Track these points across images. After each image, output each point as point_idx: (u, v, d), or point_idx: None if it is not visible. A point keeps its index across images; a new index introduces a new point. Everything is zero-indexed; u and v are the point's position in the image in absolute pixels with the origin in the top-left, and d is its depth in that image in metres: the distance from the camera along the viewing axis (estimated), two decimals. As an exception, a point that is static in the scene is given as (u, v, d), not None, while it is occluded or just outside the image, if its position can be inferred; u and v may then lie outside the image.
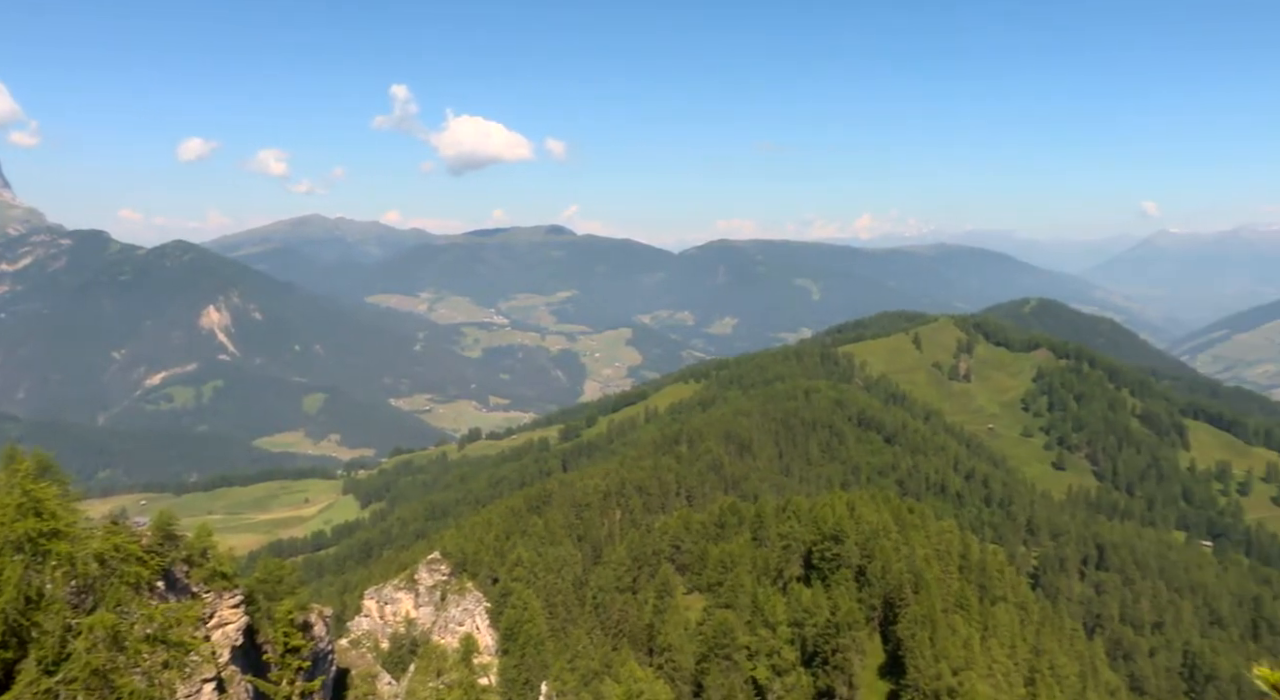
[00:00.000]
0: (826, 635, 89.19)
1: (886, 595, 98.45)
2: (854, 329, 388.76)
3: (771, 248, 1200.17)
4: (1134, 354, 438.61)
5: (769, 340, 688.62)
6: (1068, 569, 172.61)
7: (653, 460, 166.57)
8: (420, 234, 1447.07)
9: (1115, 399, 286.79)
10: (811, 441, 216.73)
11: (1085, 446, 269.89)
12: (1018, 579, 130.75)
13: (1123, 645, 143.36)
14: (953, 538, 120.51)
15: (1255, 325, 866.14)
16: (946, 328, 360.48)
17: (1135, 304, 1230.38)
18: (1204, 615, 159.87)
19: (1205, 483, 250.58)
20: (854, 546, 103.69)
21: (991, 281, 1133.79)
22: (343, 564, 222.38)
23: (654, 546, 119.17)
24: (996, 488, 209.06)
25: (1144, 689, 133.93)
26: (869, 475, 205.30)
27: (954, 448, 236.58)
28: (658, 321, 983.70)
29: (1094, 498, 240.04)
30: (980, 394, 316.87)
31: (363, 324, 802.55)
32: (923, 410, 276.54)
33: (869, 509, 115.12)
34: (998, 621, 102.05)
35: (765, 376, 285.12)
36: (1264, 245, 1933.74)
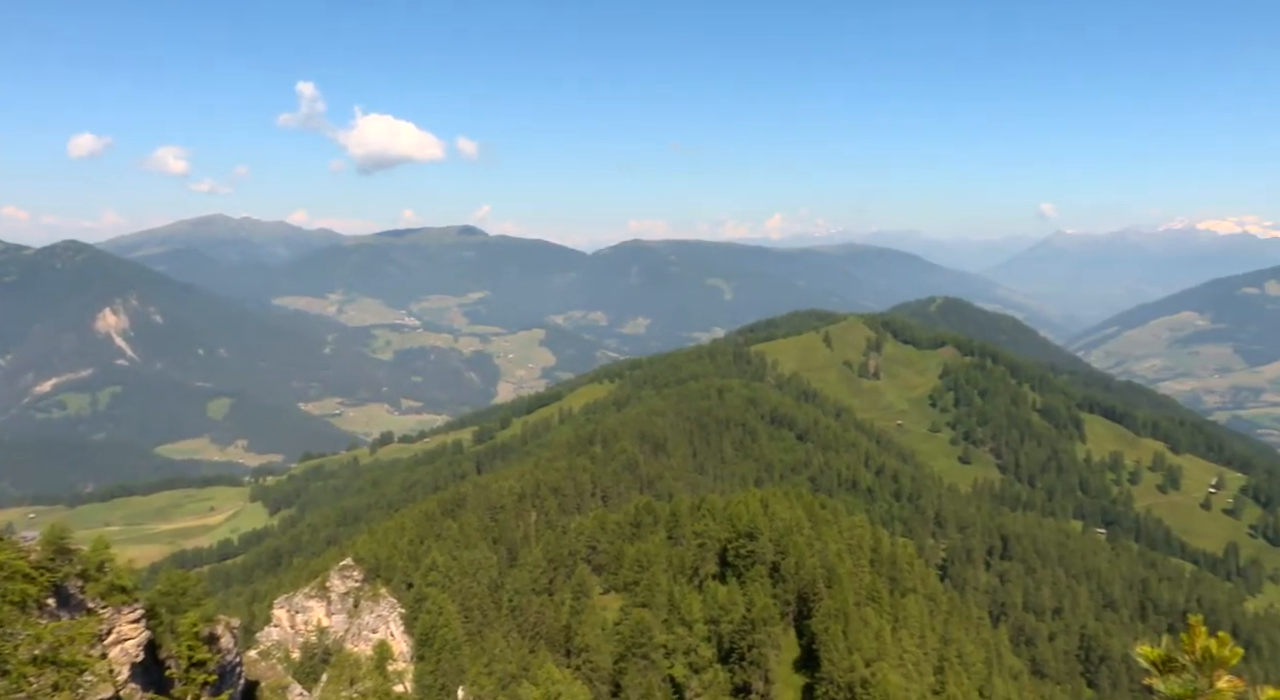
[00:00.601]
0: (742, 631, 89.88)
1: (801, 590, 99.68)
2: (766, 328, 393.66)
3: (684, 248, 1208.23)
4: (1034, 350, 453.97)
5: (682, 340, 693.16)
6: (974, 560, 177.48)
7: (568, 461, 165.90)
8: (329, 234, 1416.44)
9: (1017, 394, 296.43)
10: (725, 440, 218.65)
11: (989, 441, 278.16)
12: (927, 571, 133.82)
13: (1025, 631, 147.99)
14: (864, 532, 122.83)
15: (1143, 322, 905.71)
16: (856, 326, 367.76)
17: (1035, 302, 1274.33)
18: (1098, 599, 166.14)
19: (1100, 473, 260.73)
20: (768, 543, 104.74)
21: (898, 281, 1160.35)
22: (251, 573, 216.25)
23: (570, 547, 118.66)
24: (906, 483, 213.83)
25: (1045, 672, 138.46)
26: (782, 472, 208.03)
27: (864, 444, 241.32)
28: (571, 322, 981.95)
29: (998, 490, 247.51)
30: (889, 391, 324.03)
31: (270, 326, 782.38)
32: (834, 407, 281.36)
33: (782, 506, 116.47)
34: (908, 613, 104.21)
35: (679, 376, 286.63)
36: (1150, 246, 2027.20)
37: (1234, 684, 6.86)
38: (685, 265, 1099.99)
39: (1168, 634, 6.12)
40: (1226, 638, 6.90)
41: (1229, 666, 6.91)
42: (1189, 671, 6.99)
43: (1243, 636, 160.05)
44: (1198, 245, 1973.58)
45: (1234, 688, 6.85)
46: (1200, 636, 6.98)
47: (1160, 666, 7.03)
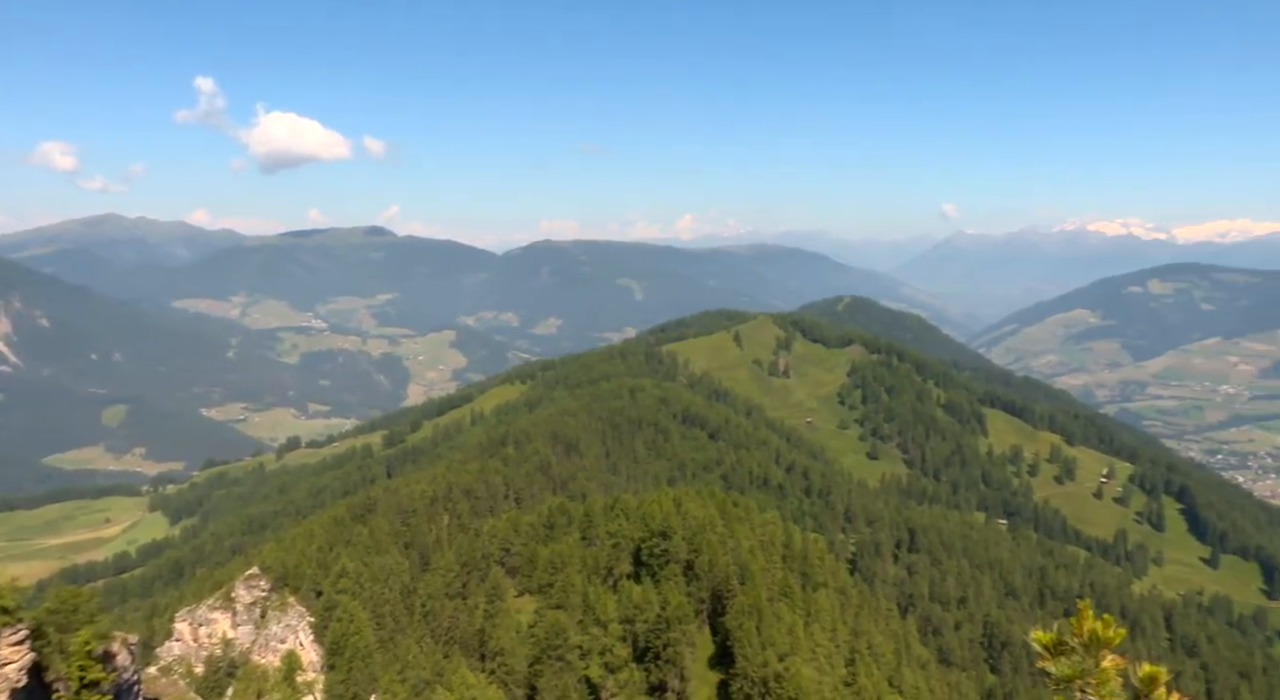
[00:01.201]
0: (657, 630, 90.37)
1: (714, 588, 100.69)
2: (677, 328, 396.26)
3: (595, 248, 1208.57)
4: (938, 348, 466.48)
5: (594, 340, 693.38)
6: (882, 553, 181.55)
7: (480, 463, 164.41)
8: (231, 235, 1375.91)
9: (923, 391, 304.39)
10: (638, 439, 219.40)
11: (896, 436, 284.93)
12: (837, 565, 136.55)
13: (932, 621, 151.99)
14: (776, 529, 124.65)
15: (1040, 319, 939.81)
16: (766, 325, 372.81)
17: (938, 300, 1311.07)
18: (1000, 588, 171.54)
19: (1001, 466, 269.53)
20: (682, 542, 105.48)
21: (807, 280, 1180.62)
22: (150, 586, 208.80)
23: (483, 550, 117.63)
24: (816, 479, 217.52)
25: (951, 660, 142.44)
26: (694, 471, 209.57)
27: (775, 442, 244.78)
28: (482, 323, 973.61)
29: (905, 484, 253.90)
30: (799, 389, 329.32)
31: (169, 330, 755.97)
32: (745, 406, 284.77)
33: (695, 504, 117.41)
34: (820, 607, 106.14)
35: (591, 376, 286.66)
36: (1046, 246, 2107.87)
37: (1117, 662, 7.29)
38: (596, 265, 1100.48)
39: (1064, 618, 6.49)
40: (1110, 620, 7.31)
41: (1113, 646, 7.31)
42: (1077, 653, 7.38)
43: (1130, 617, 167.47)
44: (1088, 246, 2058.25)
45: (1117, 666, 7.27)
46: (1088, 619, 7.38)
47: (1052, 649, 7.41)
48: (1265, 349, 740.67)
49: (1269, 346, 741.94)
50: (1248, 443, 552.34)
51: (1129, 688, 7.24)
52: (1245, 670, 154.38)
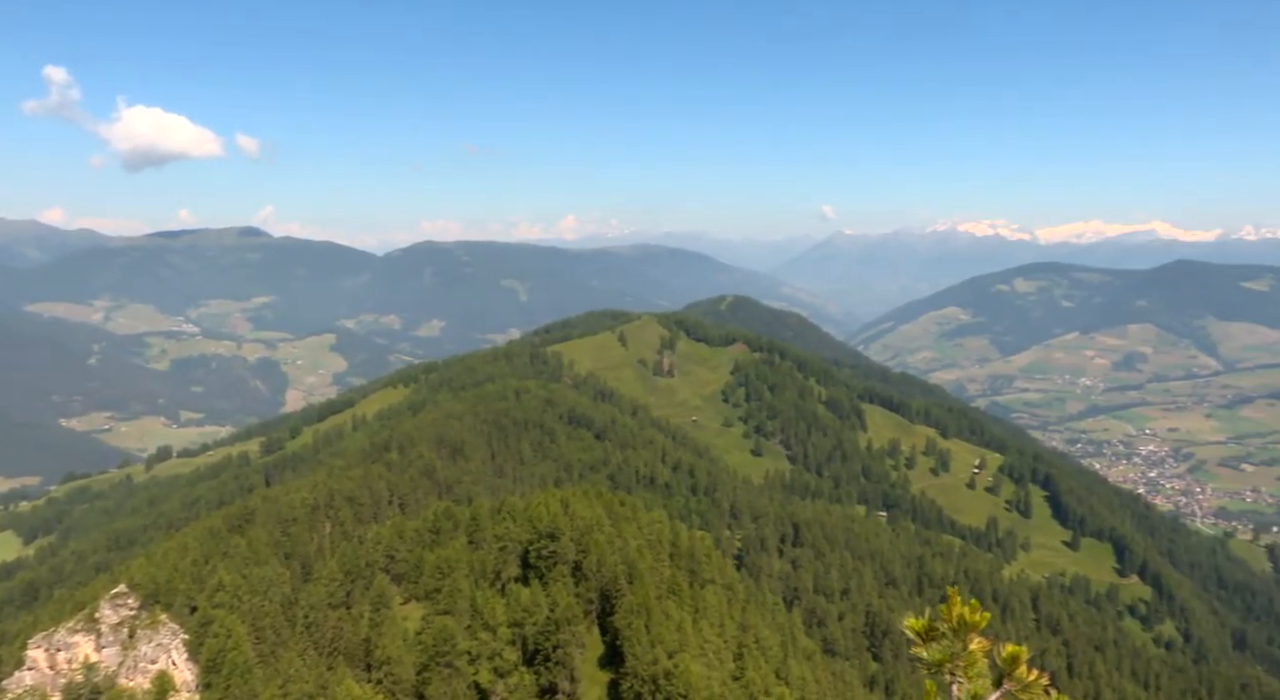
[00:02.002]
0: (547, 632, 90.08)
1: (603, 588, 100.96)
2: (561, 328, 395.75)
3: (478, 249, 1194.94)
4: (818, 345, 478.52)
5: (478, 342, 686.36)
6: (768, 548, 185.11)
7: (363, 469, 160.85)
8: (91, 235, 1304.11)
9: (804, 388, 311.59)
10: (524, 441, 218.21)
11: (779, 433, 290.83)
12: (724, 561, 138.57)
13: (817, 613, 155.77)
14: (663, 527, 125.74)
15: (915, 317, 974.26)
16: (650, 325, 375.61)
17: (818, 299, 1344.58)
18: (881, 578, 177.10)
19: (880, 459, 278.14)
20: (569, 543, 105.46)
21: (690, 280, 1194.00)
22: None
23: (367, 558, 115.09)
24: (702, 477, 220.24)
25: (835, 650, 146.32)
26: (581, 471, 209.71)
27: (661, 441, 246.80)
28: (363, 326, 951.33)
29: (788, 480, 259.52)
30: (683, 388, 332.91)
31: (22, 335, 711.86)
32: (630, 406, 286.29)
33: (582, 505, 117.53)
34: (707, 603, 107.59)
35: (475, 378, 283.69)
36: (920, 246, 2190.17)
37: (983, 645, 7.72)
38: (480, 266, 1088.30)
39: (942, 605, 6.89)
40: (977, 605, 7.74)
41: (980, 629, 7.74)
42: (947, 638, 7.78)
43: (1000, 600, 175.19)
44: (959, 246, 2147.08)
45: (983, 648, 7.70)
46: (956, 605, 7.79)
47: (923, 636, 7.79)
48: (1117, 343, 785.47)
49: (1120, 341, 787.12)
50: (1103, 432, 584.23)
51: (994, 668, 7.68)
52: (1100, 643, 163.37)
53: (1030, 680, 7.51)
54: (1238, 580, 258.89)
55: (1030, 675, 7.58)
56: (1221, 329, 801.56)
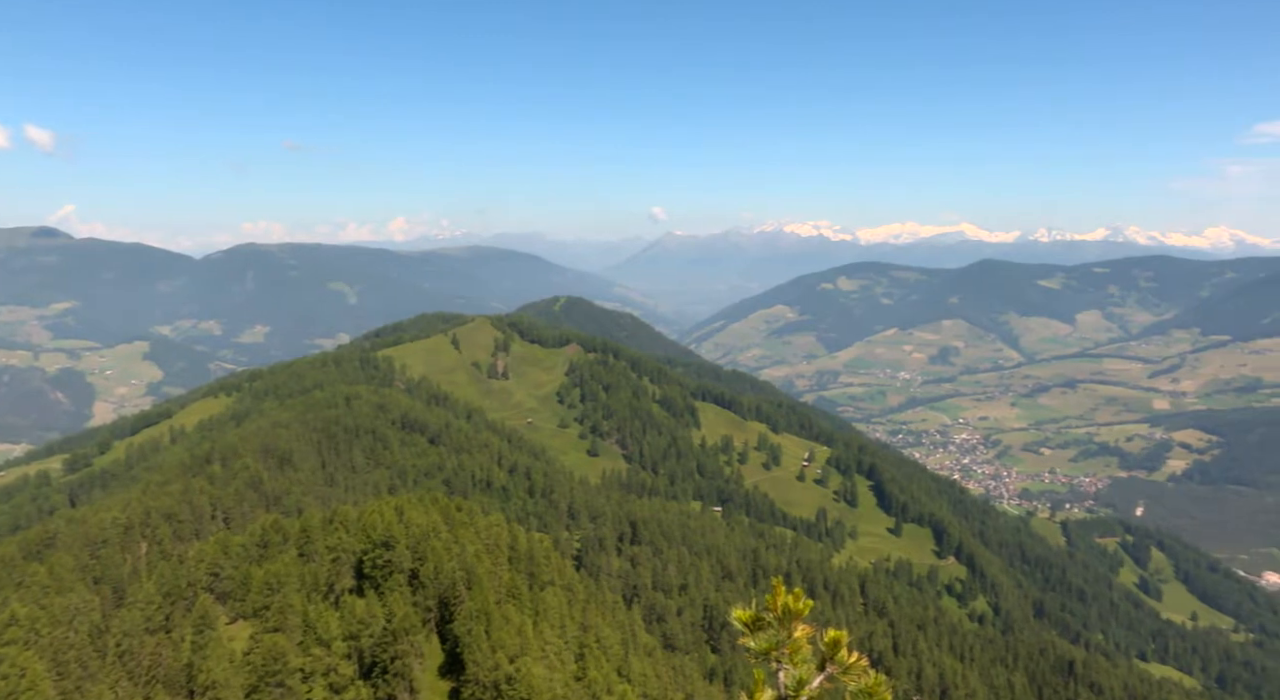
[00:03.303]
0: (384, 644, 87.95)
1: (441, 595, 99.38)
2: (393, 332, 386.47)
3: (303, 251, 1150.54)
4: (651, 345, 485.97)
5: (305, 347, 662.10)
6: (606, 547, 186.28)
7: (182, 484, 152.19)
8: None
9: (638, 387, 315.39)
10: (356, 449, 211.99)
11: (615, 432, 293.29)
12: (563, 562, 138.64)
13: (656, 609, 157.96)
14: (501, 531, 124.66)
15: (745, 315, 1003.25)
16: (483, 327, 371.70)
17: (651, 299, 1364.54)
18: (718, 572, 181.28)
19: (714, 456, 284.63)
20: (405, 550, 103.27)
21: (523, 281, 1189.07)
22: None
23: (189, 577, 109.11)
24: (539, 479, 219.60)
25: (675, 645, 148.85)
26: (416, 477, 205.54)
27: (497, 444, 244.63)
28: (180, 333, 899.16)
29: (625, 479, 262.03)
30: (518, 390, 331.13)
31: None
32: (465, 409, 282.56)
33: (418, 511, 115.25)
34: (548, 605, 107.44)
35: (303, 385, 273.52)
36: (748, 246, 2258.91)
37: (807, 631, 8.17)
38: (306, 269, 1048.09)
39: (767, 595, 7.26)
40: (800, 593, 8.18)
41: (803, 617, 8.18)
42: (774, 627, 8.19)
43: (831, 587, 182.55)
44: (786, 246, 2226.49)
45: (807, 634, 8.15)
46: (781, 595, 8.21)
47: (750, 626, 8.17)
48: (933, 338, 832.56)
49: (935, 336, 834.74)
50: (921, 422, 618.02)
51: (819, 653, 8.14)
52: (922, 622, 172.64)
53: (851, 662, 7.99)
54: (1038, 555, 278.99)
55: (851, 657, 8.07)
56: (1021, 324, 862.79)
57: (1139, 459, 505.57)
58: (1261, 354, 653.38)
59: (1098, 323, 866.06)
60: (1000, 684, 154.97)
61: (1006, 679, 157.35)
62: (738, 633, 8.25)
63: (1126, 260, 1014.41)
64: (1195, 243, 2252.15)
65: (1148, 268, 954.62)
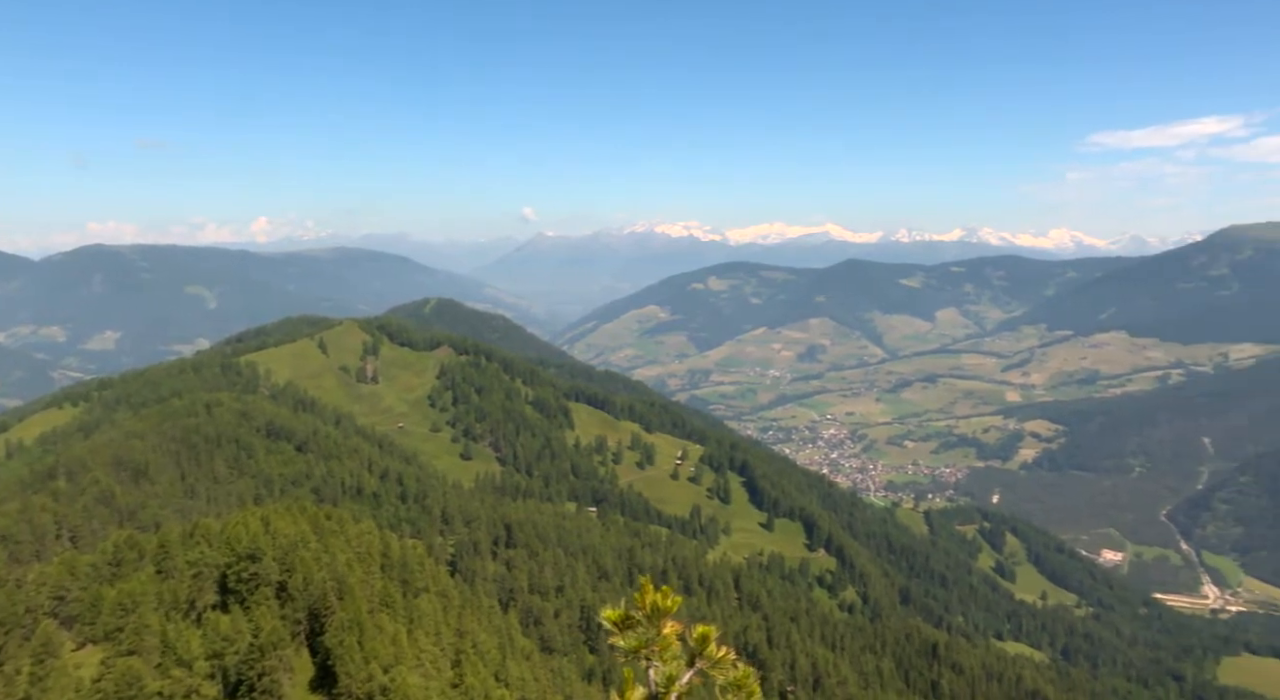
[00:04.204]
0: (250, 661, 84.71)
1: (311, 607, 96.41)
2: (256, 336, 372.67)
3: (157, 253, 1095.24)
4: (524, 346, 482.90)
5: (161, 354, 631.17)
6: (481, 551, 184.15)
7: (20, 501, 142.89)
8: None
9: (511, 389, 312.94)
10: (218, 458, 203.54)
11: (488, 435, 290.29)
12: (438, 569, 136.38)
13: (533, 612, 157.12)
14: (373, 538, 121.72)
15: (617, 316, 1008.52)
16: (351, 331, 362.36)
17: (522, 301, 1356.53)
18: (594, 572, 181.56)
19: (588, 456, 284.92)
20: (272, 562, 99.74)
21: (392, 283, 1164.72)
22: None
23: (28, 603, 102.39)
24: (411, 484, 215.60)
25: (553, 647, 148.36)
26: (283, 486, 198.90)
27: (367, 449, 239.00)
28: (17, 340, 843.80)
29: (499, 482, 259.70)
30: (388, 394, 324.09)
31: None
32: (333, 415, 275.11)
33: (285, 521, 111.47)
34: (422, 612, 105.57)
35: (159, 393, 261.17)
36: (619, 247, 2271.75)
37: (675, 628, 8.19)
38: (160, 272, 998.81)
39: (636, 593, 7.28)
40: (668, 591, 8.20)
41: (672, 614, 8.20)
42: (643, 625, 8.18)
43: (706, 583, 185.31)
44: (657, 247, 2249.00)
45: (676, 631, 8.17)
46: (649, 593, 8.21)
47: (620, 625, 8.14)
48: (800, 336, 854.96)
49: (803, 335, 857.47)
50: (791, 419, 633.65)
51: (688, 649, 8.18)
52: (795, 614, 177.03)
53: (720, 656, 8.06)
54: (903, 544, 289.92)
55: (720, 652, 8.14)
56: (884, 321, 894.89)
57: (994, 449, 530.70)
58: (1099, 348, 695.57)
59: (955, 320, 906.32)
60: (870, 670, 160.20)
61: (875, 665, 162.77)
62: (609, 632, 8.21)
63: (980, 260, 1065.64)
64: (1041, 243, 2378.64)
65: (999, 267, 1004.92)
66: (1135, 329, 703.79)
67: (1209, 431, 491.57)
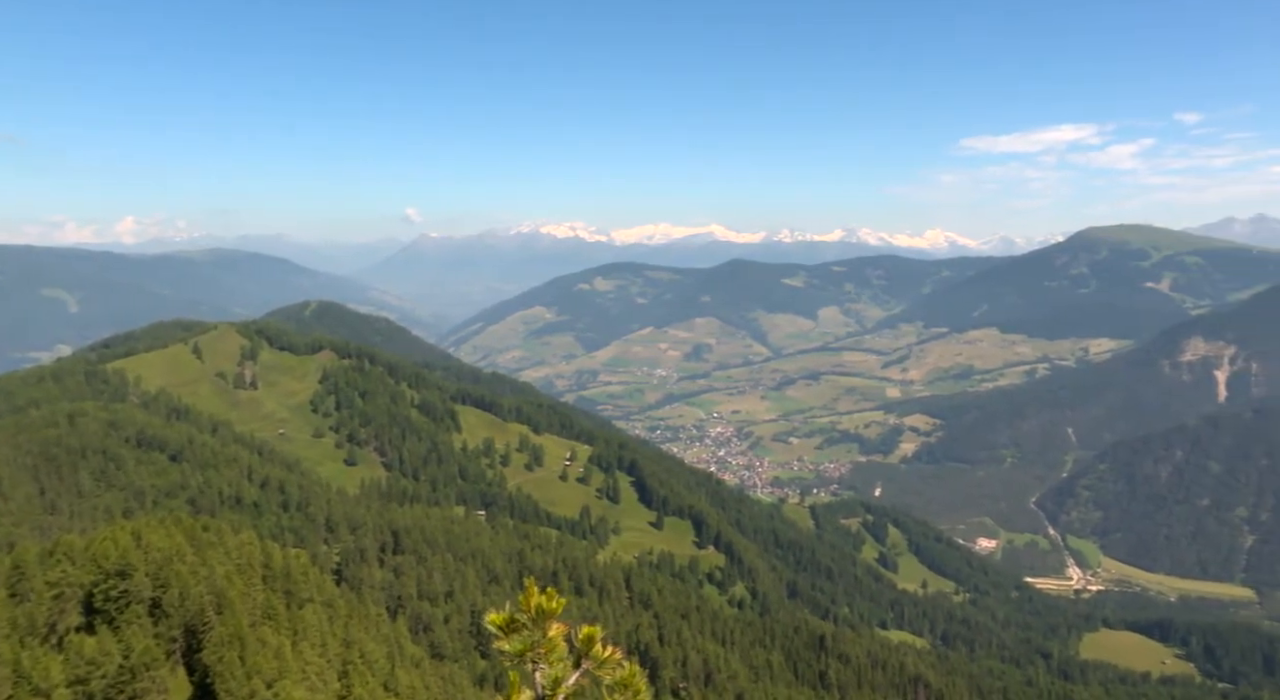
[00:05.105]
0: (120, 684, 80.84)
1: (187, 623, 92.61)
2: (124, 342, 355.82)
3: (10, 253, 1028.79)
4: (409, 349, 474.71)
5: (16, 362, 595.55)
6: (368, 559, 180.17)
7: None
8: None
9: (396, 392, 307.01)
10: (82, 471, 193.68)
11: (373, 440, 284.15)
12: (322, 578, 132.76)
13: (422, 618, 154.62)
14: (254, 549, 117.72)
15: (503, 317, 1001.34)
16: (228, 335, 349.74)
17: (406, 302, 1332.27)
18: (484, 576, 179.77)
19: (476, 459, 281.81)
20: (145, 578, 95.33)
21: (270, 286, 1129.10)
22: None
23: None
24: (293, 492, 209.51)
25: (443, 654, 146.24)
26: (156, 499, 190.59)
27: (246, 457, 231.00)
28: None
29: (385, 487, 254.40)
30: (269, 400, 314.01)
31: None
32: (210, 423, 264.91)
33: (159, 535, 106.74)
34: (307, 623, 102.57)
35: (15, 403, 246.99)
36: (504, 248, 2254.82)
37: (561, 630, 8.11)
38: (14, 274, 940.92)
39: (520, 595, 7.19)
40: (553, 592, 8.11)
41: (557, 616, 8.11)
42: (528, 628, 8.07)
43: (597, 584, 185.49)
44: (542, 247, 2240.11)
45: (561, 633, 8.09)
46: (534, 595, 8.09)
47: (505, 628, 8.01)
48: (686, 336, 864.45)
49: (689, 334, 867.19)
50: (678, 418, 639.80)
51: (575, 650, 8.10)
52: (685, 611, 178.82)
53: (606, 656, 8.01)
54: (790, 539, 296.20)
55: (606, 652, 8.09)
56: (769, 320, 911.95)
57: (876, 444, 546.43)
58: (972, 344, 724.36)
59: (837, 318, 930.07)
60: (760, 663, 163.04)
61: (765, 658, 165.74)
62: (495, 637, 8.09)
63: (860, 259, 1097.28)
64: (918, 243, 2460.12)
65: (879, 267, 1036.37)
66: (1005, 325, 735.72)
67: (1072, 422, 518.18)
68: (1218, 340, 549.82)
